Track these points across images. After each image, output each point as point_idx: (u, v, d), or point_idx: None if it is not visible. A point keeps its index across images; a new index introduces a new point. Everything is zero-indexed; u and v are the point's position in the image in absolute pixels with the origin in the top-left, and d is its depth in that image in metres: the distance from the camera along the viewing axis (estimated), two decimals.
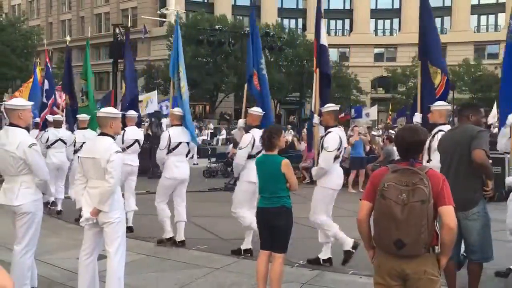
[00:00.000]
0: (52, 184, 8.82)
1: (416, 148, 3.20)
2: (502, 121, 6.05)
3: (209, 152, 20.90)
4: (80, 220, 4.53)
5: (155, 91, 21.01)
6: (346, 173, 13.76)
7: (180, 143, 6.97)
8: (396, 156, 12.42)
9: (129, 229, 7.14)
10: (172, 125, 7.13)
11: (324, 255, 6.13)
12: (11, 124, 4.65)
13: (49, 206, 8.97)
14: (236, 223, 6.67)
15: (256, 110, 6.80)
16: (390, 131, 21.98)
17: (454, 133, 4.99)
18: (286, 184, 4.65)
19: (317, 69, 7.15)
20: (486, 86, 39.69)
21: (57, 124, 9.46)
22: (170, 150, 6.92)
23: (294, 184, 4.70)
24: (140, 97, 19.14)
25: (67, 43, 13.10)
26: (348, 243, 5.98)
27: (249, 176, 6.32)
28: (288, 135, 19.62)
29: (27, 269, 4.64)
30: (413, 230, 2.94)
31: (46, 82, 11.80)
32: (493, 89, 39.16)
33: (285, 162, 4.65)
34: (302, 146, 16.22)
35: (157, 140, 16.96)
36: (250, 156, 6.46)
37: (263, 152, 4.96)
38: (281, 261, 4.67)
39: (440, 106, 5.92)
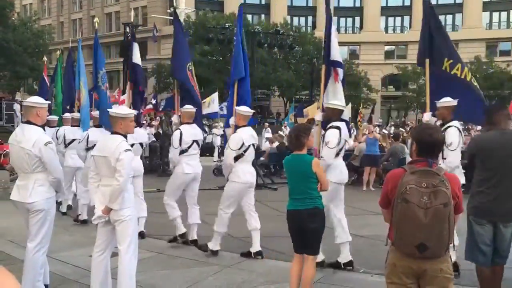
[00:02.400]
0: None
1: (440, 147, 3.19)
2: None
3: (219, 151, 20.98)
4: (93, 218, 4.57)
5: (216, 93, 21.78)
6: (357, 171, 13.72)
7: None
8: (401, 155, 12.39)
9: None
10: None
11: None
12: (27, 122, 4.69)
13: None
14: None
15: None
16: (401, 129, 21.91)
17: (507, 138, 4.49)
18: (317, 184, 4.49)
19: (132, 84, 8.69)
20: (498, 84, 39.29)
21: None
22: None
23: (325, 184, 4.53)
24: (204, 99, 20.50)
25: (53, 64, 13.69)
26: None
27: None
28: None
29: (40, 266, 4.68)
30: (436, 233, 2.93)
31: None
32: (506, 87, 38.80)
33: (316, 161, 4.52)
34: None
35: (166, 138, 17.10)
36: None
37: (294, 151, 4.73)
38: (314, 264, 4.59)
39: (186, 109, 6.93)
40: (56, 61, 13.81)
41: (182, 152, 6.68)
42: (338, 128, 5.77)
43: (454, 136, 5.47)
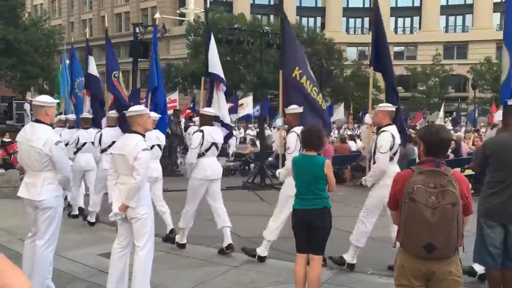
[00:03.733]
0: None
1: (447, 147, 3.19)
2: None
3: (227, 151, 21.01)
4: (109, 215, 4.62)
5: (251, 96, 22.68)
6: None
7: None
8: (411, 156, 12.30)
9: None
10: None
11: None
12: (37, 121, 4.75)
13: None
14: (254, 221, 6.67)
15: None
16: (411, 130, 21.82)
17: None
18: (326, 185, 4.53)
19: (89, 91, 9.95)
20: None
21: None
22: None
23: (333, 185, 4.57)
24: (241, 100, 22.78)
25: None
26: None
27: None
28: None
29: (49, 264, 4.73)
30: (444, 233, 2.91)
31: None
32: None
33: (328, 163, 4.55)
34: None
35: (175, 138, 17.11)
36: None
37: (304, 151, 4.74)
38: (320, 263, 4.59)
39: (110, 114, 8.31)
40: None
41: (103, 150, 7.85)
42: (201, 131, 6.57)
43: (292, 141, 5.98)
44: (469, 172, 11.07)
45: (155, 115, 7.35)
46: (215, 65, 7.69)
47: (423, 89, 42.40)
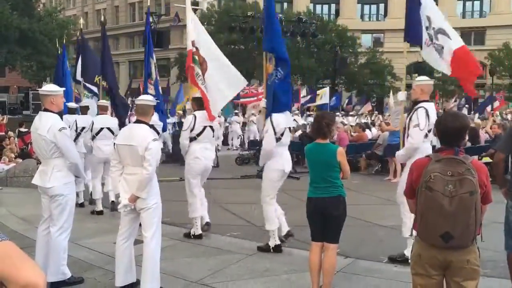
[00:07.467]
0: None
1: (463, 134, 3.12)
2: None
3: (242, 139, 21.05)
4: (118, 207, 4.64)
5: (328, 88, 24.11)
6: (380, 160, 13.56)
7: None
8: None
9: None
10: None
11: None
12: (44, 110, 4.84)
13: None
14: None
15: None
16: None
17: None
18: (339, 173, 4.49)
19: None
20: None
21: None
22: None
23: (347, 173, 4.52)
24: (318, 92, 24.23)
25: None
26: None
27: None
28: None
29: (63, 250, 4.79)
30: (461, 222, 2.85)
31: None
32: None
33: (341, 150, 4.52)
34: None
35: None
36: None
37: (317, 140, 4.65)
38: (335, 252, 4.56)
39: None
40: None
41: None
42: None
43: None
44: (487, 160, 10.91)
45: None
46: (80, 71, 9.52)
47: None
